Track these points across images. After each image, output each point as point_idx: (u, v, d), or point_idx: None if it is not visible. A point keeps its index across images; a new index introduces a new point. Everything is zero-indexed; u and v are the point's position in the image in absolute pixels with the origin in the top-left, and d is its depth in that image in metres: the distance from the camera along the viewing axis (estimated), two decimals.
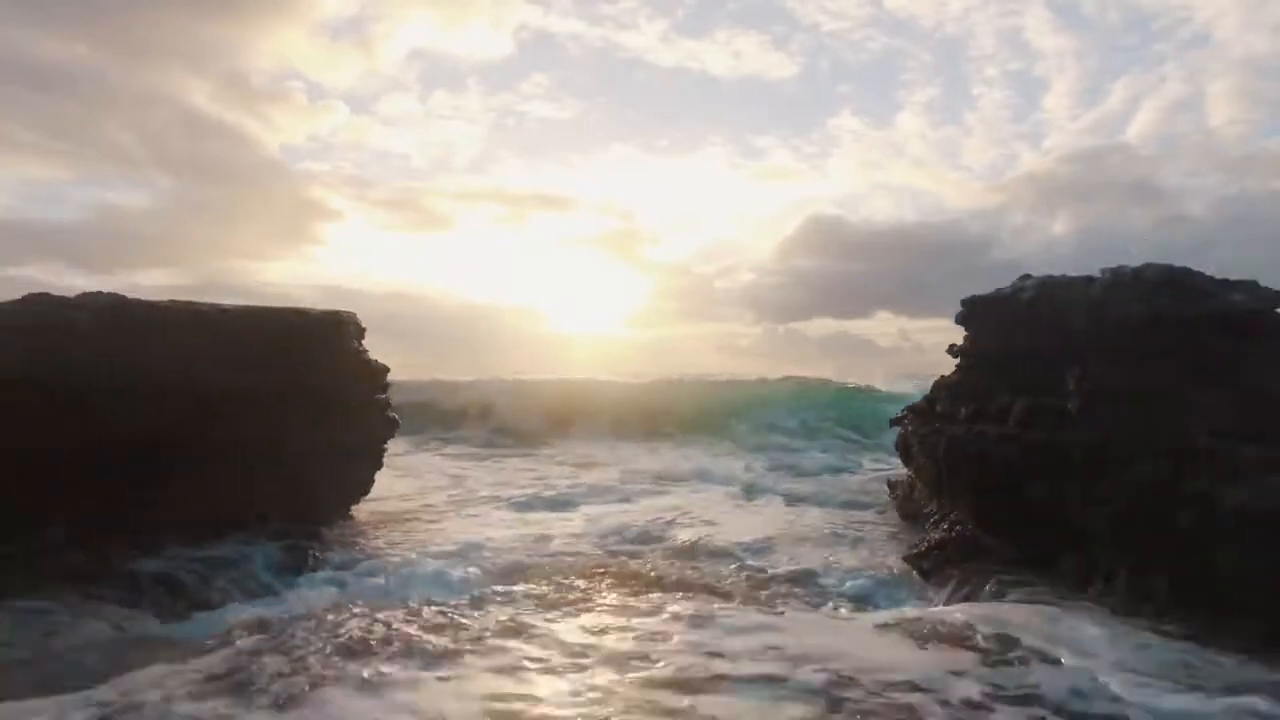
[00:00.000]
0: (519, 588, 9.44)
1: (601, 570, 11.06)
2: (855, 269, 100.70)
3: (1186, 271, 10.28)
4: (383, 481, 15.21)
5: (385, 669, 5.71)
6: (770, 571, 11.23)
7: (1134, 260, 10.55)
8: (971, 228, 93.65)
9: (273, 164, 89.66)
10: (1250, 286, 9.97)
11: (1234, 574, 7.50)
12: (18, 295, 11.18)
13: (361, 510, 14.35)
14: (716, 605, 8.15)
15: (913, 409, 14.02)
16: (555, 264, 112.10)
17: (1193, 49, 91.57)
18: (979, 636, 6.96)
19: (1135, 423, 8.93)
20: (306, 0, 76.87)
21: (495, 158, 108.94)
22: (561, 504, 16.35)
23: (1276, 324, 9.73)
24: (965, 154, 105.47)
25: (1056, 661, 6.49)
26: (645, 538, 13.35)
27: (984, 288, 12.58)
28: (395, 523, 13.98)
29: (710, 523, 14.40)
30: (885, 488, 16.13)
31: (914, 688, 5.71)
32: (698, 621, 7.17)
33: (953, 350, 13.18)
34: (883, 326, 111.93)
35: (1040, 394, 10.28)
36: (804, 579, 10.88)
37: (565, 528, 13.94)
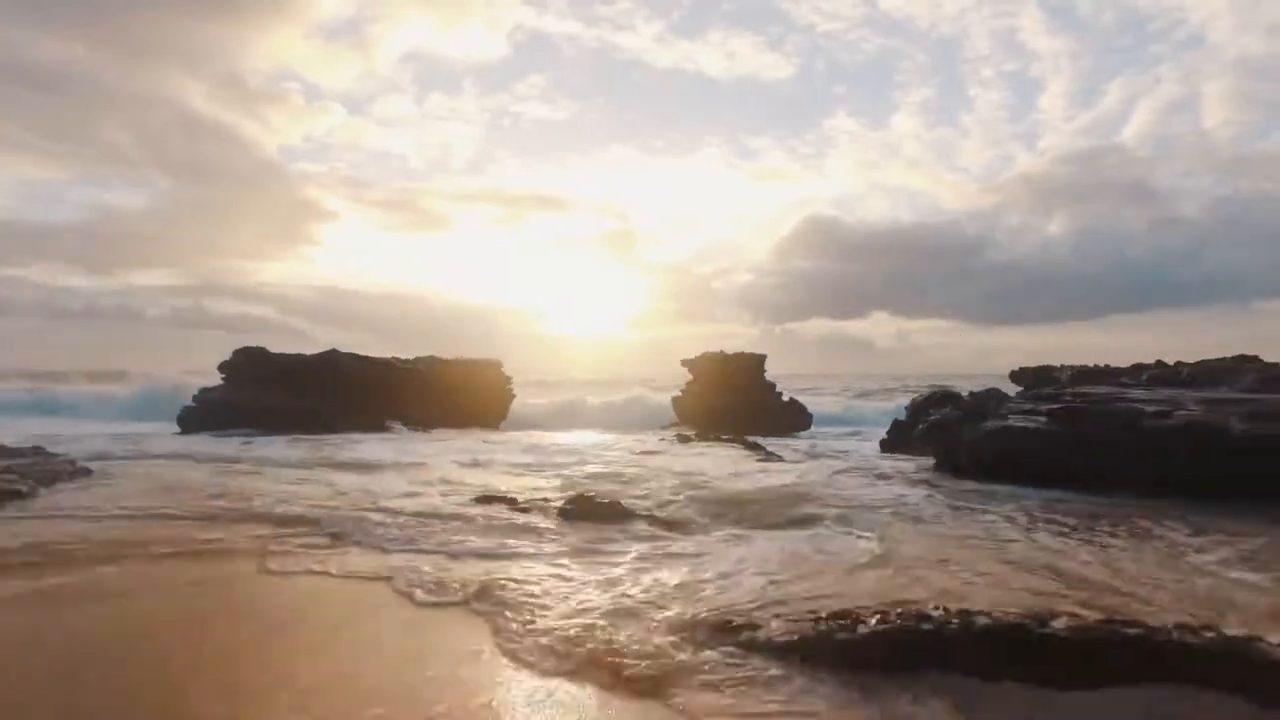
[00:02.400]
0: None
1: None
2: (852, 269, 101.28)
3: None
4: None
5: None
6: None
7: (1130, 259, 10.58)
8: (967, 228, 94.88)
9: (269, 165, 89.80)
10: None
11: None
12: (15, 295, 11.22)
13: None
14: None
15: None
16: (552, 265, 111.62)
17: (1188, 50, 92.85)
18: None
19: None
20: (303, 2, 76.83)
21: (492, 159, 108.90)
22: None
23: None
24: (961, 155, 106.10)
25: None
26: None
27: (981, 288, 13.25)
28: None
29: None
30: None
31: None
32: None
33: None
34: (879, 326, 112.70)
35: None
36: None
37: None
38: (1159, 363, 15.08)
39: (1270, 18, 78.97)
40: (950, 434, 12.02)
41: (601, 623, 4.58)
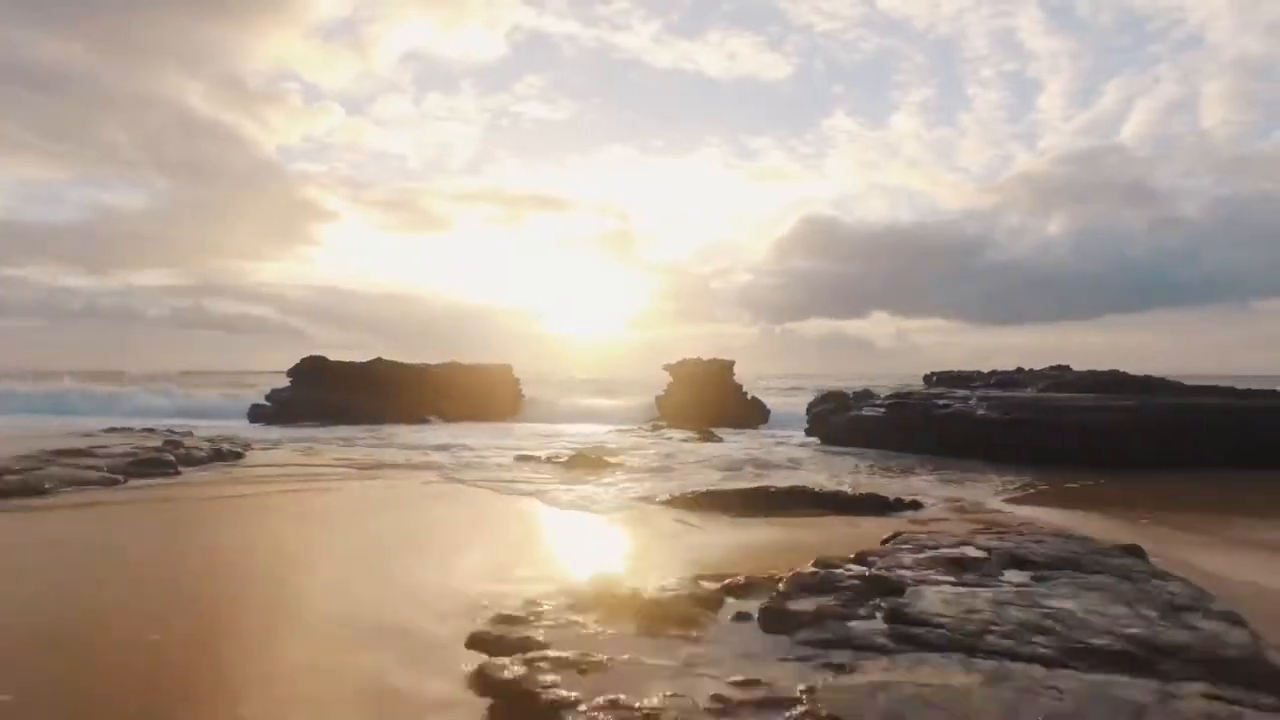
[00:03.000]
0: None
1: None
2: (851, 269, 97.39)
3: None
4: None
5: None
6: None
7: (1129, 259, 14.75)
8: (967, 228, 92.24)
9: (268, 165, 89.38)
10: None
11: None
12: (14, 295, 14.97)
13: None
14: None
15: None
16: (552, 264, 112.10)
17: (1186, 50, 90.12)
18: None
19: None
20: (301, 2, 76.41)
21: (491, 159, 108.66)
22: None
23: None
24: (960, 155, 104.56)
25: None
26: None
27: (979, 288, 17.73)
28: None
29: None
30: None
31: None
32: None
33: None
34: (879, 326, 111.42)
35: None
36: None
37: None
38: (1057, 366, 19.98)
39: (1270, 17, 77.99)
40: (826, 420, 17.64)
41: (599, 494, 10.09)
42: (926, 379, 22.66)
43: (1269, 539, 8.19)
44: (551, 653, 3.81)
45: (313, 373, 27.44)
